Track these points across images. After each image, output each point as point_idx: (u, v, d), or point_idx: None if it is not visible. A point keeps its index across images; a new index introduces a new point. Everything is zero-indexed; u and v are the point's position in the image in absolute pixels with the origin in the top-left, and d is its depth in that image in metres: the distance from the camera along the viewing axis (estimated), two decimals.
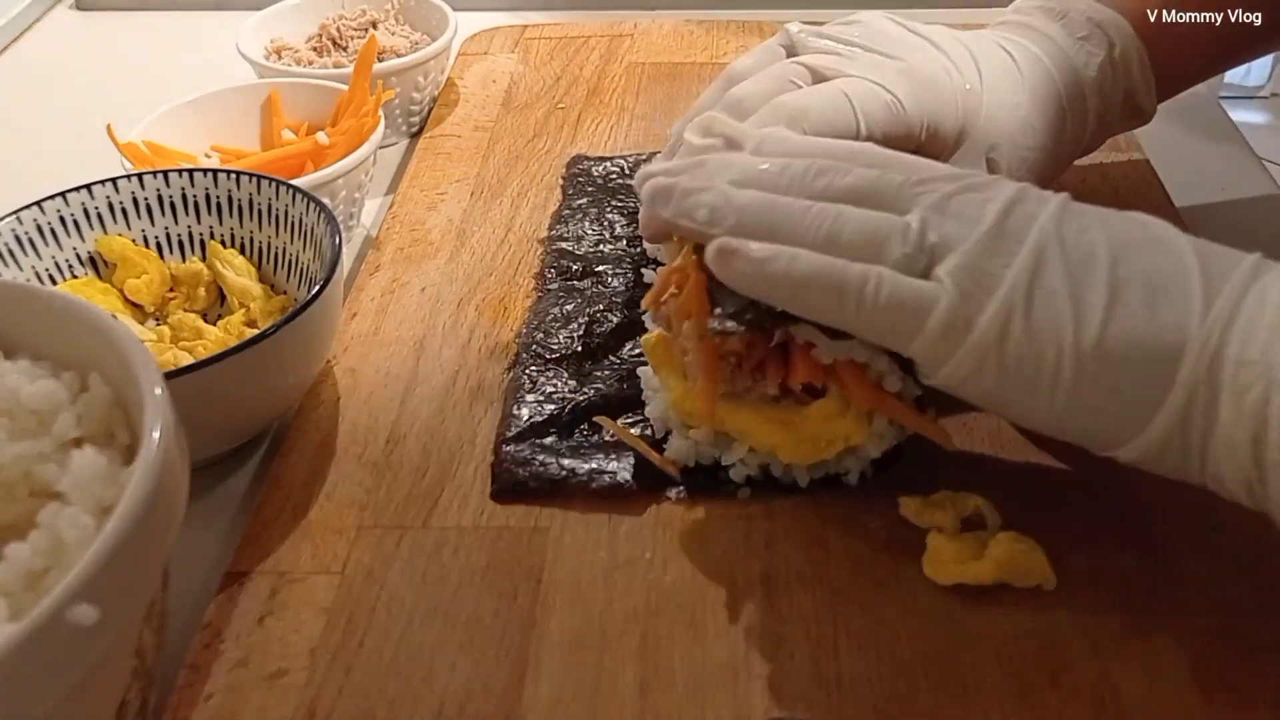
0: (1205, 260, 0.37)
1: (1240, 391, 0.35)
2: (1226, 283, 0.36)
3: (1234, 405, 0.35)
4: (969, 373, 0.38)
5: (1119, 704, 0.38)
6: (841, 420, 0.44)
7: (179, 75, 0.83)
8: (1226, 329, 0.36)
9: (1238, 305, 0.36)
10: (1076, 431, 0.39)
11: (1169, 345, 0.36)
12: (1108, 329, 0.37)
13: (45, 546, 0.32)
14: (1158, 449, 0.37)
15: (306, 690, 0.39)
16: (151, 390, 0.33)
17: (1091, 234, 0.38)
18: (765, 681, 0.39)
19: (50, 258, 0.54)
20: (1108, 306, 0.37)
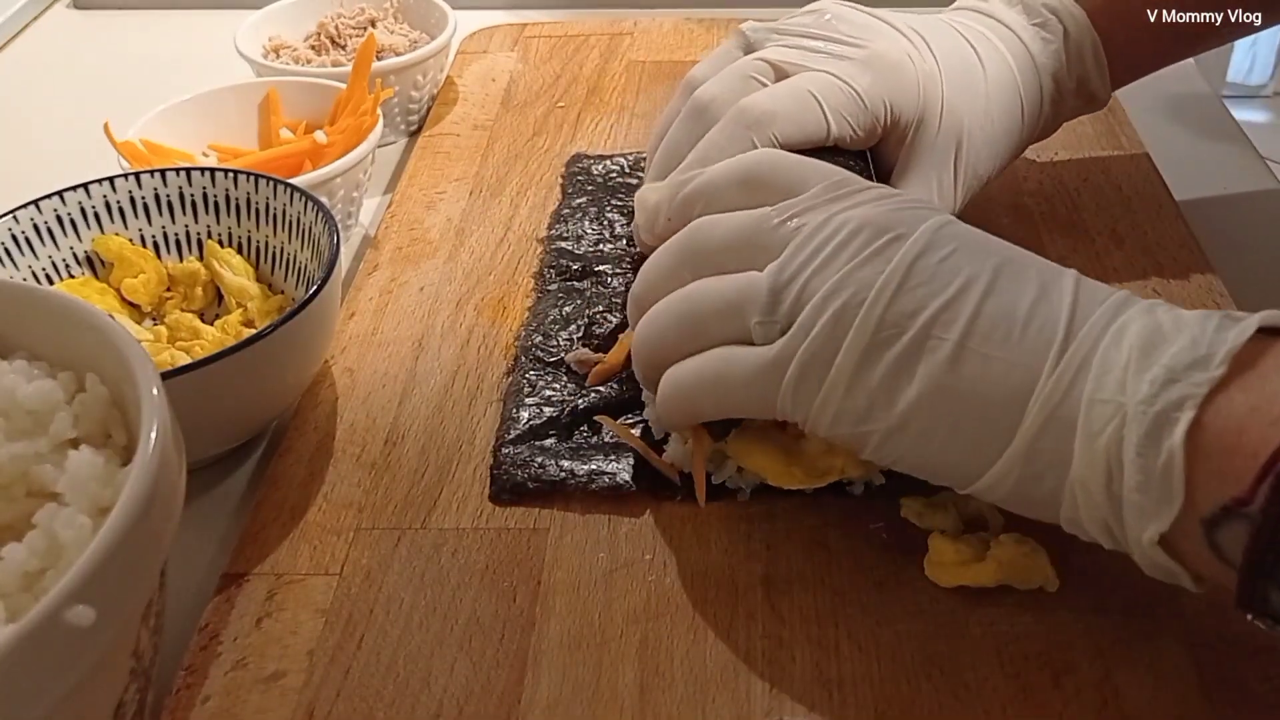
0: (1077, 304, 0.37)
1: (1093, 433, 0.34)
2: (1092, 325, 0.36)
3: (1086, 447, 0.35)
4: (827, 423, 0.39)
5: (1121, 705, 0.38)
6: (838, 455, 0.43)
7: (176, 74, 0.83)
8: (1080, 370, 0.35)
9: (1094, 345, 0.35)
10: (927, 469, 0.39)
11: (1017, 386, 0.36)
12: (955, 370, 0.36)
13: (42, 547, 0.31)
14: (1006, 489, 0.37)
15: (304, 692, 0.39)
16: (148, 390, 0.33)
17: (954, 263, 0.38)
18: (766, 683, 0.39)
19: (47, 257, 0.53)
20: (956, 349, 0.36)
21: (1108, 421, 0.34)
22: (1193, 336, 0.34)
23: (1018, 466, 0.36)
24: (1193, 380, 0.33)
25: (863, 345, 0.37)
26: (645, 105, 0.74)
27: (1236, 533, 0.32)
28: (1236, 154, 0.71)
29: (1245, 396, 0.33)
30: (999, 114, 0.52)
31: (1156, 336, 0.35)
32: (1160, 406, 0.33)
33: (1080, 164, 0.66)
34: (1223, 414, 0.33)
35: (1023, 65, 0.53)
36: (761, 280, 0.39)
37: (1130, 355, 0.35)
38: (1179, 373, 0.34)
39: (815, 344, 0.38)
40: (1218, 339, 0.34)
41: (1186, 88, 0.78)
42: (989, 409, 0.36)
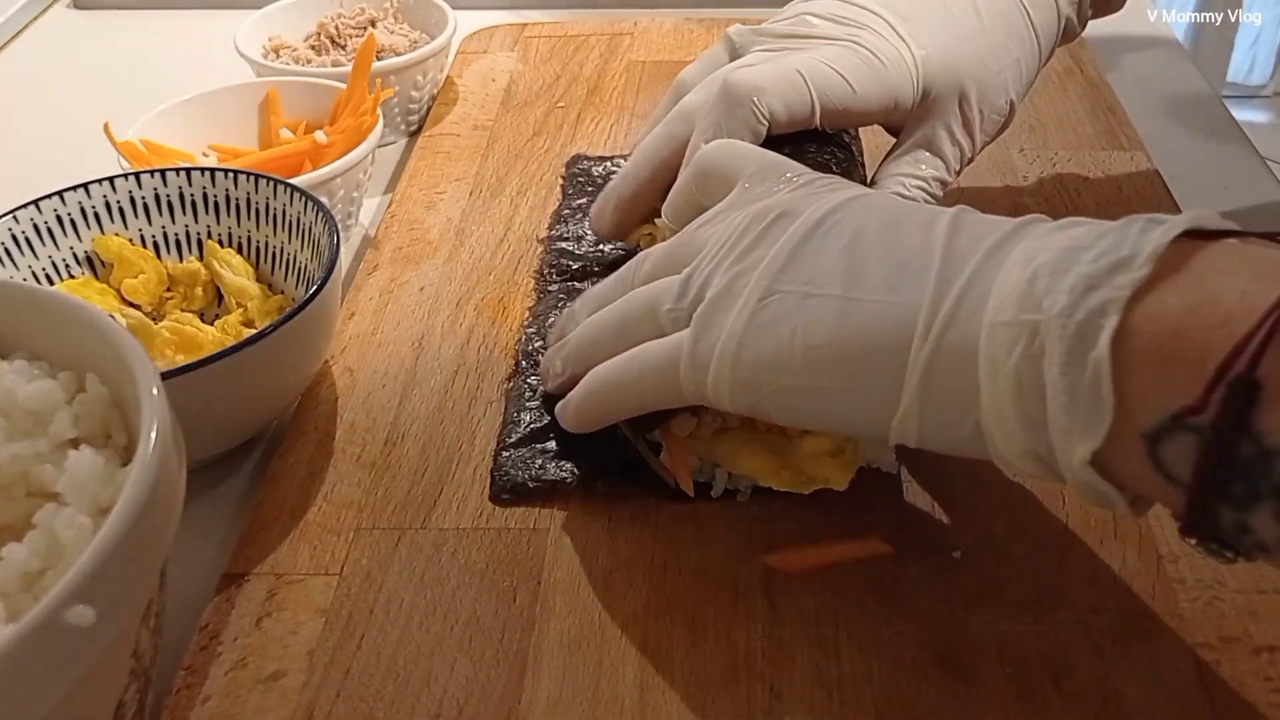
0: (955, 236, 0.36)
1: (997, 359, 0.33)
2: (972, 255, 0.35)
3: (992, 374, 0.33)
4: (726, 399, 0.39)
5: (1121, 705, 0.38)
6: (831, 462, 0.43)
7: (176, 74, 0.83)
8: (965, 296, 0.34)
9: (975, 277, 0.34)
10: (836, 424, 0.39)
11: (899, 325, 0.35)
12: (840, 319, 0.36)
13: (42, 547, 0.31)
14: (918, 432, 0.36)
15: (304, 692, 0.39)
16: (148, 390, 0.33)
17: (843, 228, 0.38)
18: (766, 683, 0.39)
19: (47, 257, 0.53)
20: (840, 302, 0.36)
21: (1014, 343, 0.32)
22: (1113, 241, 0.32)
23: (916, 406, 0.35)
24: (1115, 284, 0.31)
25: (749, 312, 0.38)
26: (645, 105, 0.74)
27: (1183, 447, 0.30)
28: (1236, 154, 0.71)
29: (1180, 298, 0.30)
30: (1003, 47, 0.52)
31: (1072, 246, 0.33)
32: (1081, 316, 0.31)
33: (1080, 164, 0.66)
34: (1155, 318, 0.30)
35: None
36: (675, 277, 0.41)
37: (1037, 271, 0.32)
38: (1099, 278, 0.31)
39: (705, 319, 0.39)
40: (1141, 240, 0.31)
41: (1186, 88, 0.78)
42: (877, 354, 0.35)
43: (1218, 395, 0.29)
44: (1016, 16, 0.53)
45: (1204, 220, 0.32)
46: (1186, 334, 0.30)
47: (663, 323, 0.41)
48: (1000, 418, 0.33)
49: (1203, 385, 0.29)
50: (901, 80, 0.50)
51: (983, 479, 0.46)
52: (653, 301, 0.42)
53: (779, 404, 0.38)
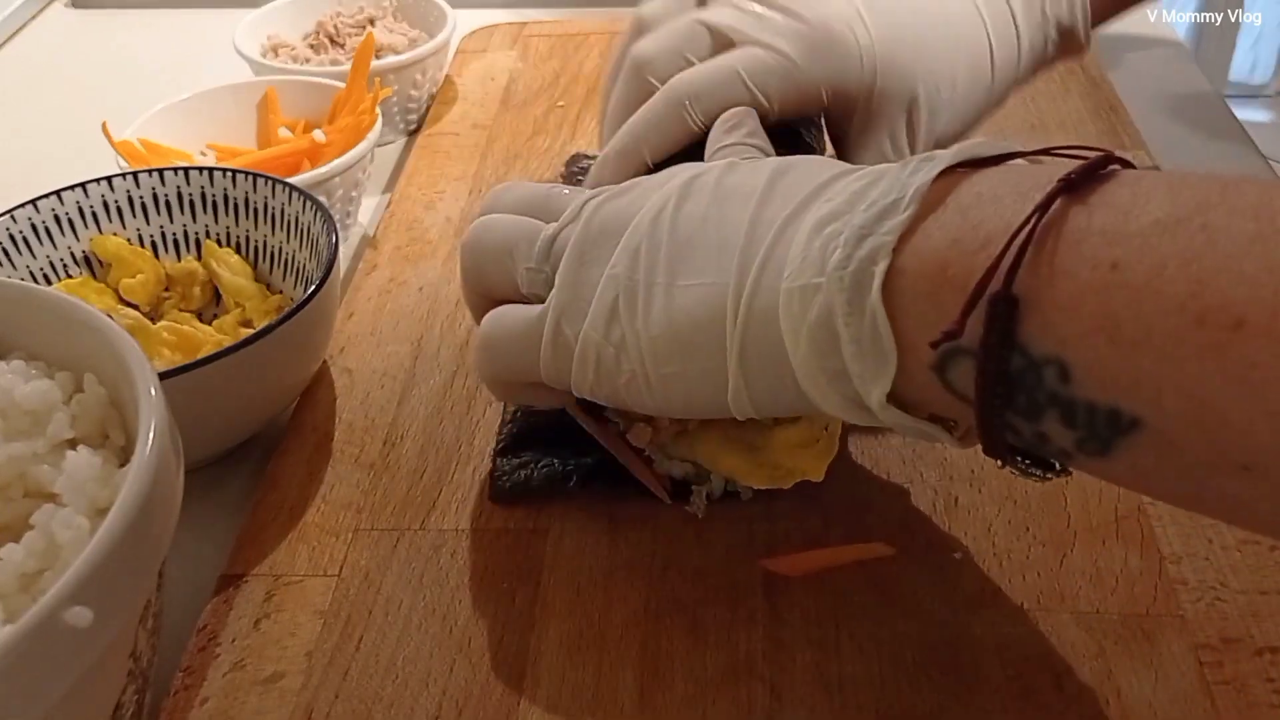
0: (763, 207, 0.36)
1: (795, 321, 0.34)
2: (771, 228, 0.35)
3: (794, 337, 0.34)
4: (588, 388, 0.39)
5: (1122, 706, 0.38)
6: (803, 451, 0.43)
7: (175, 73, 0.83)
8: (765, 267, 0.35)
9: (772, 249, 0.35)
10: (683, 409, 0.39)
11: (714, 306, 0.36)
12: (668, 309, 0.37)
13: (40, 548, 0.31)
14: (751, 403, 0.37)
15: (303, 693, 0.39)
16: (146, 390, 0.33)
17: (681, 212, 0.38)
18: (766, 683, 0.39)
19: (45, 257, 0.53)
20: (666, 287, 0.37)
21: (807, 305, 0.33)
22: (885, 186, 0.33)
23: (742, 381, 0.36)
24: (883, 230, 0.32)
25: (604, 306, 0.38)
26: None
27: (965, 370, 0.31)
28: (1239, 154, 0.71)
29: (943, 232, 0.31)
30: (963, 67, 0.51)
31: (851, 200, 0.34)
32: (855, 266, 0.32)
33: None
34: (921, 254, 0.32)
35: (994, 10, 0.52)
36: (540, 227, 0.41)
37: (821, 231, 0.34)
38: (870, 226, 0.32)
39: (562, 307, 0.39)
40: (908, 181, 0.32)
41: (1188, 87, 0.78)
42: (700, 337, 0.36)
43: (978, 315, 0.30)
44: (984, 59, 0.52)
45: (974, 150, 0.33)
46: (950, 264, 0.31)
47: (518, 277, 0.41)
48: (810, 377, 0.34)
49: (959, 309, 0.30)
50: (854, 72, 0.49)
51: (983, 479, 0.46)
52: (511, 249, 0.41)
53: (634, 393, 0.39)
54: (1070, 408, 0.29)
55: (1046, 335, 0.29)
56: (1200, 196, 0.28)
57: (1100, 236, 0.29)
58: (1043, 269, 0.29)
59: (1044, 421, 0.30)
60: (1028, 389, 0.30)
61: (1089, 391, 0.29)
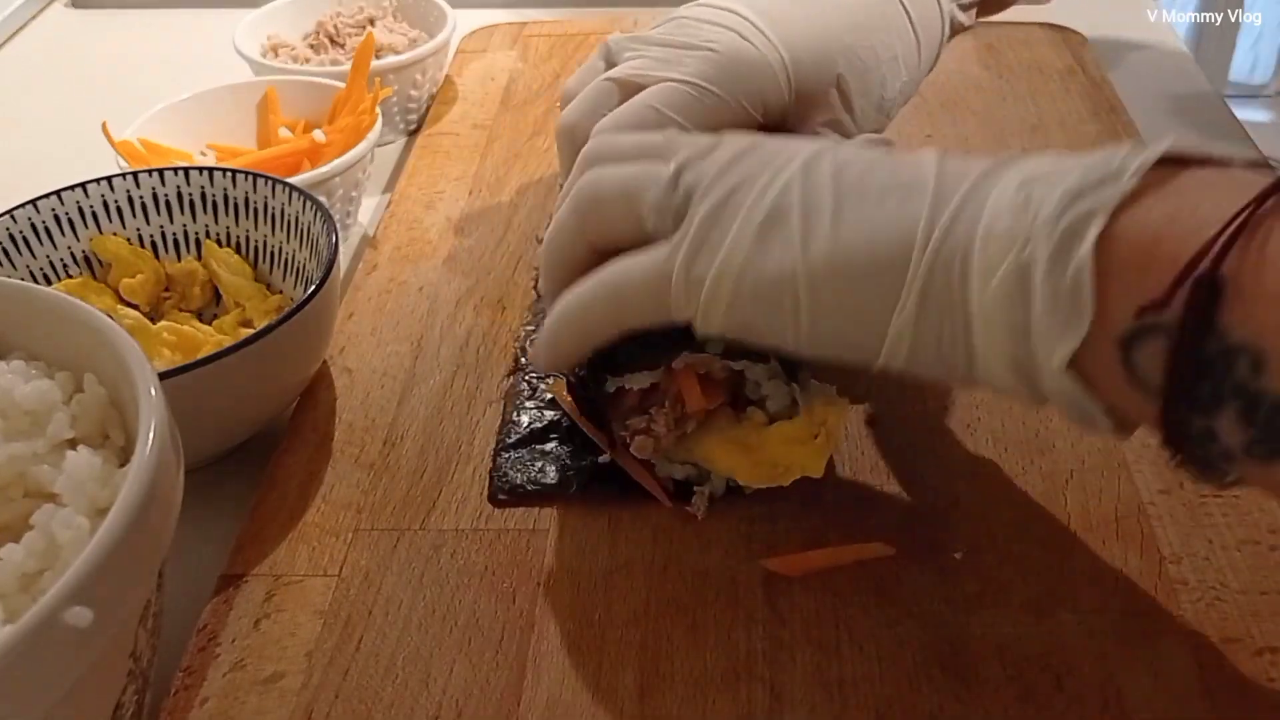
0: (945, 165, 0.36)
1: (990, 268, 0.33)
2: (963, 181, 0.35)
3: (984, 282, 0.33)
4: (720, 315, 0.38)
5: (1123, 706, 0.38)
6: (800, 448, 0.43)
7: (175, 73, 0.83)
8: (959, 215, 0.34)
9: (971, 194, 0.35)
10: (830, 346, 0.38)
11: (897, 242, 0.35)
12: (836, 238, 0.36)
13: (40, 548, 0.31)
14: (908, 348, 0.36)
15: (303, 693, 0.39)
16: (146, 391, 0.33)
17: (837, 161, 0.38)
18: (766, 683, 0.39)
19: (45, 257, 0.53)
20: (834, 217, 0.36)
21: (1006, 253, 0.33)
22: (1101, 159, 0.33)
23: (912, 323, 0.35)
24: (1102, 193, 0.32)
25: (752, 229, 0.37)
26: None
27: (1154, 350, 0.31)
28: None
29: (1162, 207, 0.31)
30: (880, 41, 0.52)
31: (1061, 166, 0.34)
32: (1067, 222, 0.32)
33: None
34: (1137, 225, 0.31)
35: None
36: (661, 166, 0.40)
37: (1029, 185, 0.34)
38: (1088, 189, 0.32)
39: (706, 220, 0.38)
40: (1128, 158, 0.32)
41: (1188, 87, 0.78)
42: (876, 267, 0.35)
43: (1182, 292, 0.30)
44: (894, 12, 0.52)
45: (1188, 145, 0.33)
46: (1163, 239, 0.31)
47: (644, 218, 0.39)
48: (989, 325, 0.34)
49: (1169, 281, 0.30)
50: (767, 83, 0.49)
51: (984, 479, 0.46)
52: (632, 187, 0.40)
53: (772, 324, 0.37)
54: (1254, 401, 0.29)
55: (1246, 322, 0.29)
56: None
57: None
58: (1251, 256, 0.29)
59: (1221, 415, 0.30)
60: (1215, 377, 0.29)
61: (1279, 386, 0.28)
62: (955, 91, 0.73)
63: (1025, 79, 0.74)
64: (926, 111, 0.71)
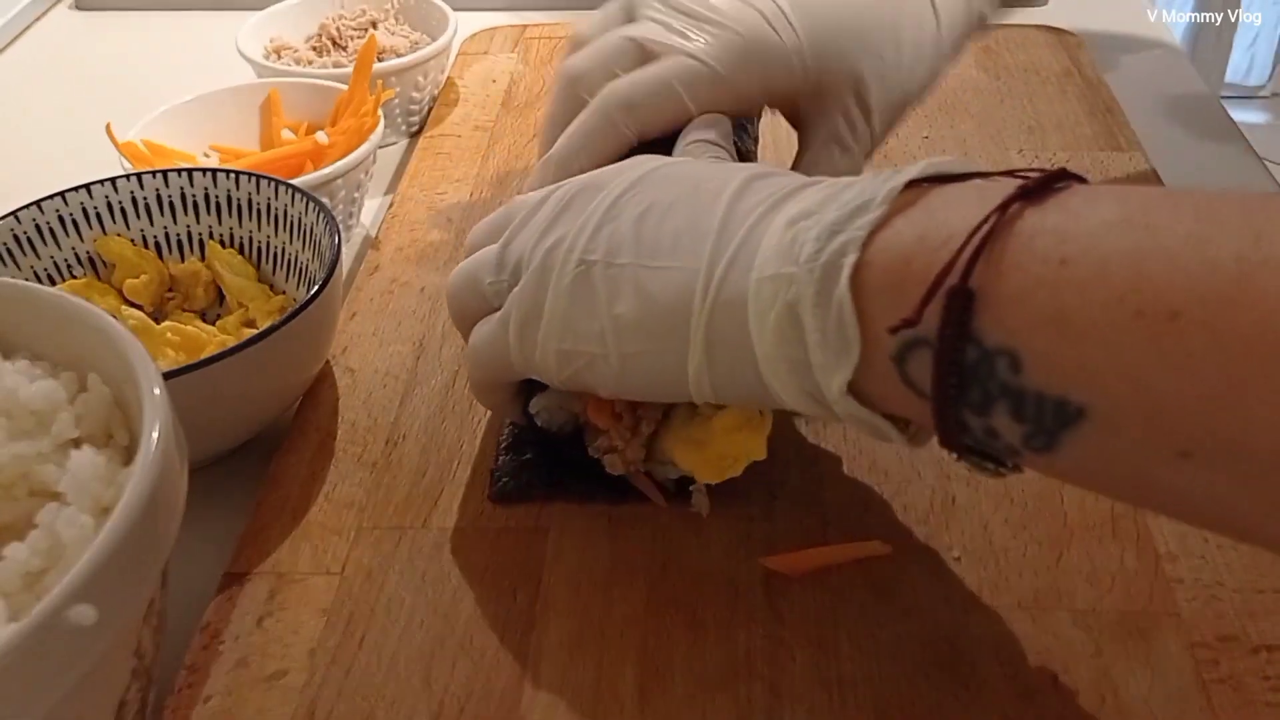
0: (736, 204, 0.37)
1: (763, 311, 0.35)
2: (745, 221, 0.36)
3: (760, 326, 0.35)
4: (553, 373, 0.40)
5: (1120, 705, 0.38)
6: (741, 434, 0.43)
7: (178, 75, 0.83)
8: (736, 258, 0.36)
9: (746, 238, 0.36)
10: (646, 391, 0.40)
11: (682, 294, 0.37)
12: (634, 294, 0.38)
13: (44, 547, 0.32)
14: (710, 388, 0.38)
15: (306, 691, 0.39)
16: (150, 390, 0.33)
17: (642, 198, 0.39)
18: (766, 683, 0.39)
19: (49, 258, 0.54)
20: (633, 273, 0.38)
21: (775, 295, 0.34)
22: (858, 190, 0.34)
23: (705, 364, 0.37)
24: (855, 225, 0.33)
25: (564, 286, 0.39)
26: None
27: (923, 362, 0.32)
28: (1234, 155, 0.71)
29: (911, 229, 0.33)
30: (907, 30, 0.51)
31: (825, 200, 0.35)
32: (825, 259, 0.33)
33: (1079, 164, 0.66)
34: (889, 249, 0.33)
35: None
36: (492, 248, 0.43)
37: (794, 226, 0.35)
38: (842, 223, 0.34)
39: (525, 292, 0.40)
40: (882, 186, 0.34)
41: (1184, 88, 0.78)
42: (666, 319, 0.37)
43: (935, 306, 0.31)
44: (922, 8, 0.52)
45: (944, 166, 0.35)
46: (914, 258, 0.32)
47: (486, 295, 0.42)
48: (772, 365, 0.35)
49: (919, 299, 0.31)
50: (781, 71, 0.49)
51: (982, 479, 0.46)
52: (474, 275, 0.43)
53: (596, 374, 0.40)
54: (1020, 399, 0.30)
55: (999, 326, 0.30)
56: (1147, 201, 0.30)
57: (1052, 235, 0.30)
58: (998, 264, 0.30)
59: (994, 415, 0.31)
60: (981, 380, 0.31)
61: (1039, 381, 0.30)
62: (952, 93, 0.73)
63: (1022, 81, 0.75)
64: (923, 113, 0.71)
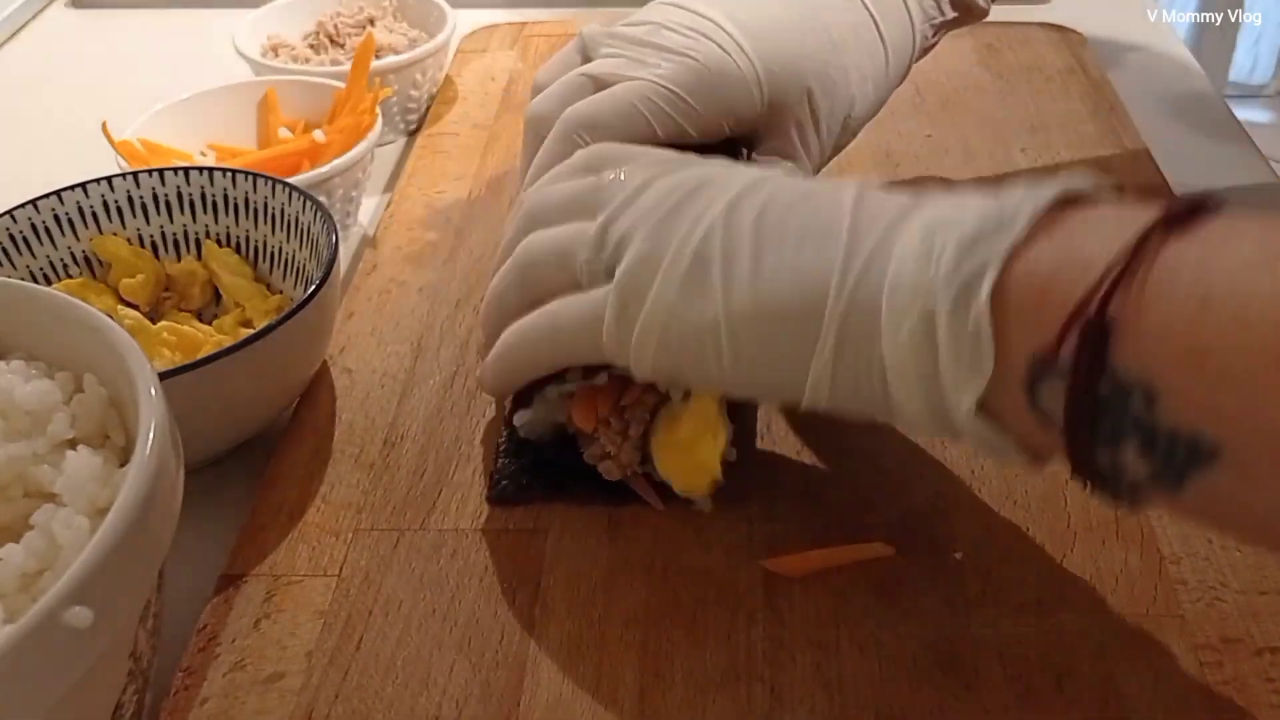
0: (861, 207, 0.37)
1: (898, 319, 0.34)
2: (877, 224, 0.36)
3: (893, 334, 0.34)
4: (649, 362, 0.39)
5: (1122, 706, 0.38)
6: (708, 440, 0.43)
7: (175, 73, 0.83)
8: (870, 264, 0.35)
9: (881, 242, 0.36)
10: (754, 389, 0.40)
11: (813, 289, 0.36)
12: (755, 287, 0.37)
13: (40, 548, 0.31)
14: (828, 393, 0.37)
15: (303, 694, 0.39)
16: (146, 391, 0.33)
17: (757, 199, 0.39)
18: (766, 683, 0.39)
19: (45, 257, 0.53)
20: (754, 265, 0.37)
21: (911, 304, 0.34)
22: (998, 204, 0.34)
23: (830, 366, 0.36)
24: (996, 242, 0.33)
25: (678, 279, 0.38)
26: None
27: (1056, 392, 0.31)
28: (1239, 153, 0.71)
29: (1054, 250, 0.32)
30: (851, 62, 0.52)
31: (957, 213, 0.35)
32: (965, 273, 0.33)
33: (1082, 164, 0.66)
34: (1030, 269, 0.32)
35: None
36: (590, 225, 0.41)
37: (931, 234, 0.34)
38: (983, 238, 0.33)
39: (633, 274, 0.39)
40: (1023, 203, 0.34)
41: (1188, 87, 0.78)
42: (793, 316, 0.37)
43: (1073, 336, 0.31)
44: (867, 32, 0.53)
45: (1082, 185, 0.34)
46: (1055, 282, 0.32)
47: (578, 273, 0.41)
48: (901, 374, 0.35)
49: (1059, 326, 0.31)
50: (741, 95, 0.50)
51: (983, 479, 0.46)
52: (564, 248, 0.41)
53: (698, 369, 0.39)
54: (1152, 435, 0.30)
55: (1136, 360, 0.30)
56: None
57: (1193, 270, 0.29)
58: (1138, 296, 0.30)
59: (1123, 449, 0.31)
60: (1113, 413, 0.30)
61: (1173, 418, 0.29)
62: (955, 92, 0.73)
63: (1025, 79, 0.74)
64: (926, 112, 0.71)
